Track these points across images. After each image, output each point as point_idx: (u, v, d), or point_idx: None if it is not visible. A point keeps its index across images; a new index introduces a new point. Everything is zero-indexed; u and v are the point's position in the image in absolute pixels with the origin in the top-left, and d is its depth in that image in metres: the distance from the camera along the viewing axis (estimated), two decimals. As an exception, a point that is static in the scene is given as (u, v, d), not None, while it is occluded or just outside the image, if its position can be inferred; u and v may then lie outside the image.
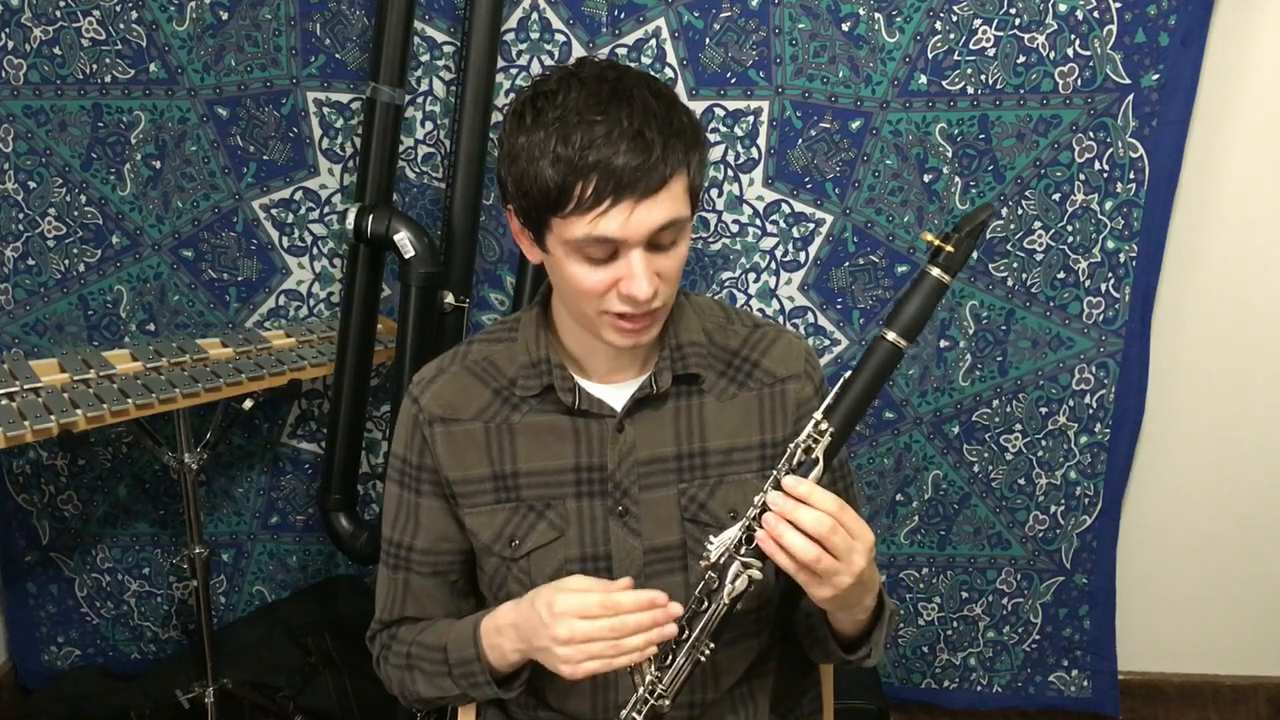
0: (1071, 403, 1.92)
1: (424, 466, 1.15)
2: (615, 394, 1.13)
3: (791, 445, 1.00)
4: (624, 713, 1.04)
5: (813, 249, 1.85)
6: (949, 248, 0.98)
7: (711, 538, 1.02)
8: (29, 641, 2.11)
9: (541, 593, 1.01)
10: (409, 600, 1.19)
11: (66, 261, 1.89)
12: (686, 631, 1.01)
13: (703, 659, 1.02)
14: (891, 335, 0.99)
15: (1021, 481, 1.98)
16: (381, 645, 1.21)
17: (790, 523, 0.95)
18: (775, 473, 0.99)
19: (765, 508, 0.97)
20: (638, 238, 0.97)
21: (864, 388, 1.00)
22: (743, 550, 0.99)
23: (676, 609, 0.98)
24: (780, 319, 1.89)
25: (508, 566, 1.14)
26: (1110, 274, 1.84)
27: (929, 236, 1.00)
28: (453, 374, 1.16)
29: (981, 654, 2.09)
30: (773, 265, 1.87)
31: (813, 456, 0.99)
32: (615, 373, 1.14)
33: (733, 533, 1.01)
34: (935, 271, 0.98)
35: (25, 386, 1.54)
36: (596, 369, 1.13)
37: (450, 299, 1.74)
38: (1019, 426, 1.94)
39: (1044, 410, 1.93)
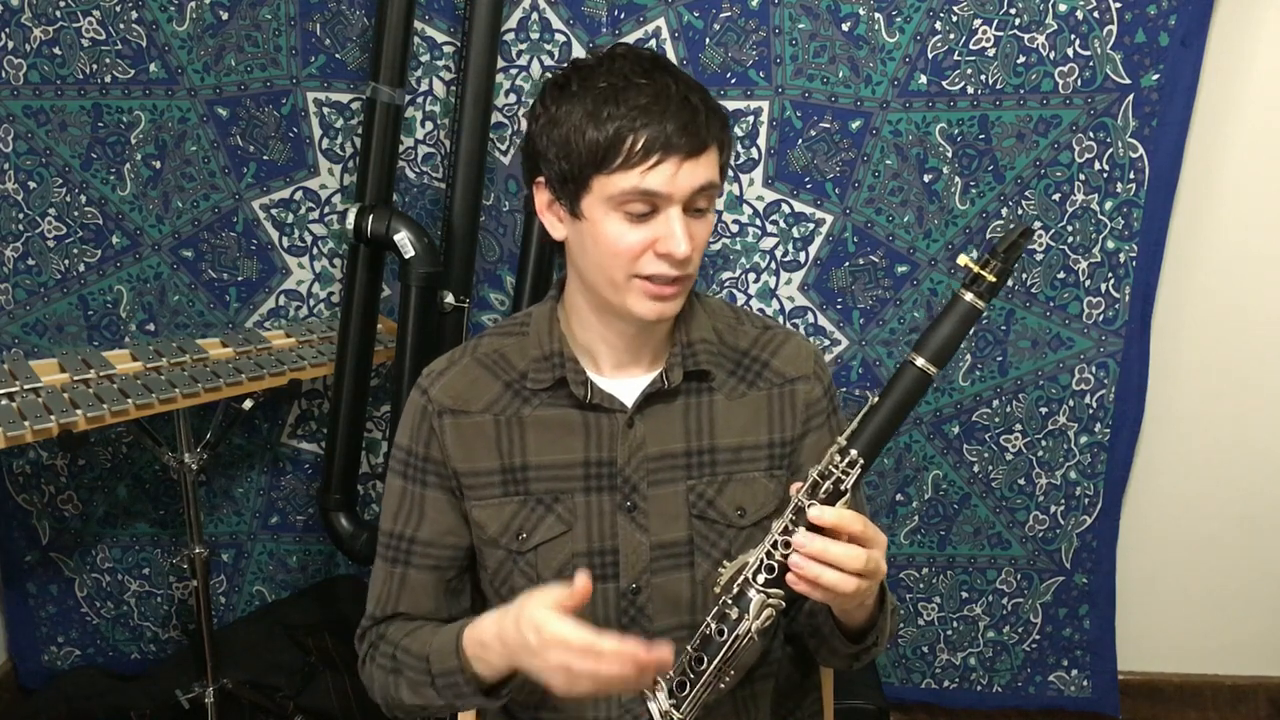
0: (1071, 403, 1.92)
1: (430, 458, 1.15)
2: (625, 389, 1.13)
3: (815, 474, 0.97)
4: None
5: (813, 249, 1.85)
6: (990, 276, 0.93)
7: (725, 564, 1.00)
8: (29, 641, 2.11)
9: (524, 613, 0.95)
10: (404, 595, 1.18)
11: (66, 261, 1.89)
12: (705, 663, 0.98)
13: (723, 686, 1.00)
14: (921, 361, 0.94)
15: (1021, 481, 1.98)
16: (369, 644, 1.19)
17: (824, 560, 0.93)
18: (797, 499, 0.96)
19: (787, 535, 0.95)
20: (681, 194, 1.01)
21: (890, 415, 0.95)
22: (761, 579, 0.96)
23: (664, 656, 0.93)
24: (780, 319, 1.89)
25: (514, 560, 1.14)
26: (1110, 274, 1.84)
27: (966, 260, 0.95)
28: (463, 366, 1.16)
29: (981, 654, 2.09)
30: (773, 265, 1.86)
31: (841, 489, 0.95)
32: (624, 367, 1.14)
33: (749, 560, 0.98)
34: (969, 297, 0.94)
35: (25, 386, 1.54)
36: (606, 362, 1.14)
37: (450, 299, 1.74)
38: (1019, 426, 1.94)
39: (1044, 410, 1.93)
